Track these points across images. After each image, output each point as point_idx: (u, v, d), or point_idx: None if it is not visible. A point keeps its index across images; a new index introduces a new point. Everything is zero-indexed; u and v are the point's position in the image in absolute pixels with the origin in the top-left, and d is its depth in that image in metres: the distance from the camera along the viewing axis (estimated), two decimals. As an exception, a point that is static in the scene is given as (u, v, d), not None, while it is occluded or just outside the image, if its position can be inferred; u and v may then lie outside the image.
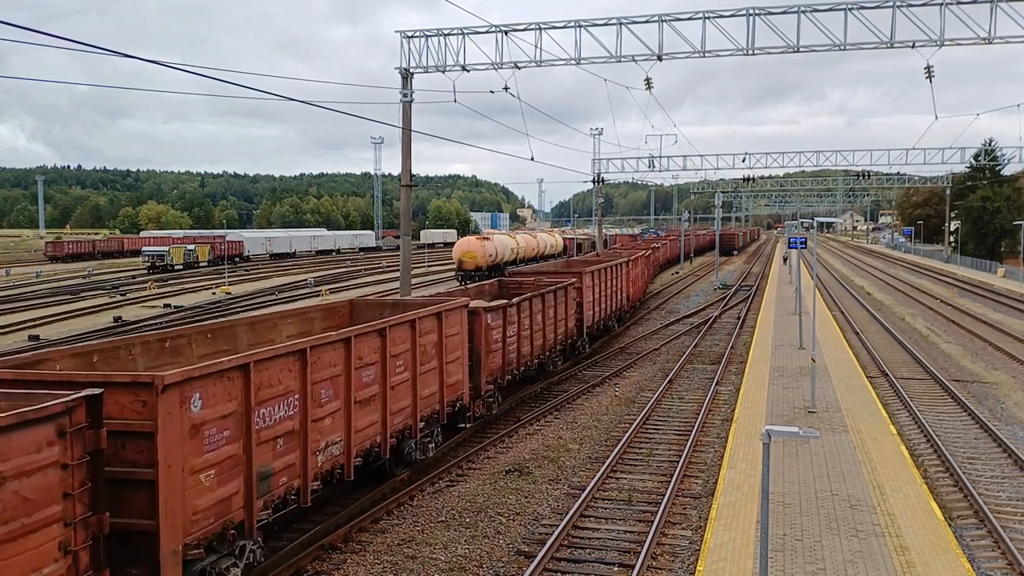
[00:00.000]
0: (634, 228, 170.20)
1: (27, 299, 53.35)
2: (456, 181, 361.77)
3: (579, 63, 32.45)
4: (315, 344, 12.58)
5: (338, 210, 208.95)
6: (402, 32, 33.03)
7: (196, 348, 14.23)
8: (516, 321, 22.33)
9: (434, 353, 16.87)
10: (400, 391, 15.45)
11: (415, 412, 16.12)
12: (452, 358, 17.76)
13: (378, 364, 14.52)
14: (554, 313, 26.17)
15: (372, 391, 14.33)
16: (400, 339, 15.41)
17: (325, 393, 12.85)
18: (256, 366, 11.09)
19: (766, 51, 31.09)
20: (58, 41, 11.98)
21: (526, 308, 23.34)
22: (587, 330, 31.01)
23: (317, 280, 66.77)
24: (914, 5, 29.23)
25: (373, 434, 14.48)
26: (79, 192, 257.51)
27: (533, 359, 24.16)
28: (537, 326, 24.40)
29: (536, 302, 24.29)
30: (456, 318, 18.10)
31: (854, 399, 22.34)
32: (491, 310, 20.54)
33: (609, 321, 35.68)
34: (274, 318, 17.00)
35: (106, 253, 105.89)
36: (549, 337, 25.68)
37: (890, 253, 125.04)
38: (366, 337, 14.18)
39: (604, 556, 13.33)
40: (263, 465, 11.28)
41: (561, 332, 27.11)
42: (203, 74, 15.79)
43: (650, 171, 74.40)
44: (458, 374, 18.21)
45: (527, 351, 23.54)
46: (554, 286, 26.37)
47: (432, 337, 16.78)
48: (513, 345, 22.19)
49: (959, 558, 12.04)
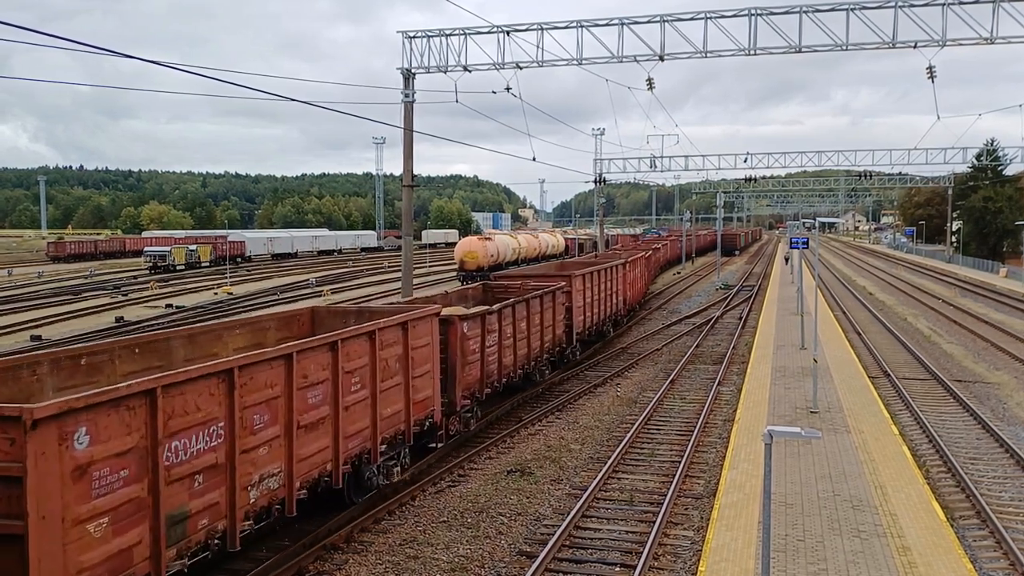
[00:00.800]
0: (636, 228, 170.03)
1: (29, 299, 53.41)
2: (458, 181, 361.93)
3: (581, 63, 32.47)
4: (246, 363, 10.95)
5: (340, 210, 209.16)
6: (404, 32, 33.07)
7: (120, 366, 12.46)
8: (497, 329, 20.89)
9: (399, 367, 15.30)
10: (356, 412, 13.84)
11: (375, 434, 14.47)
12: (421, 372, 16.20)
13: (328, 382, 12.94)
14: (540, 320, 24.66)
15: (320, 413, 12.73)
16: (356, 353, 13.78)
17: (260, 419, 11.27)
18: (166, 392, 9.46)
19: (768, 51, 31.10)
20: (60, 41, 12.00)
21: (508, 315, 21.83)
22: (577, 337, 29.41)
23: (319, 280, 66.80)
24: (916, 5, 29.22)
25: (322, 462, 12.87)
26: (81, 192, 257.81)
27: (517, 370, 22.67)
28: (521, 334, 22.90)
29: (520, 308, 22.86)
30: (425, 328, 16.48)
31: (856, 399, 22.33)
32: (467, 318, 19.00)
33: (604, 326, 34.34)
34: (219, 329, 15.15)
35: (108, 253, 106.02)
36: (535, 345, 24.23)
37: (892, 253, 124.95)
38: (313, 352, 12.55)
39: (606, 556, 13.33)
40: (176, 507, 9.65)
41: (548, 340, 25.57)
42: (203, 74, 15.83)
43: (652, 171, 74.50)
44: (428, 389, 16.62)
45: (509, 361, 22.02)
46: (540, 291, 25.03)
47: (396, 349, 15.18)
48: (493, 355, 20.71)
49: (961, 558, 12.03)
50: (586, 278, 30.65)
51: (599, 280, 32.67)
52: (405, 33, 33.10)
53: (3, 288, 61.86)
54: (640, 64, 32.99)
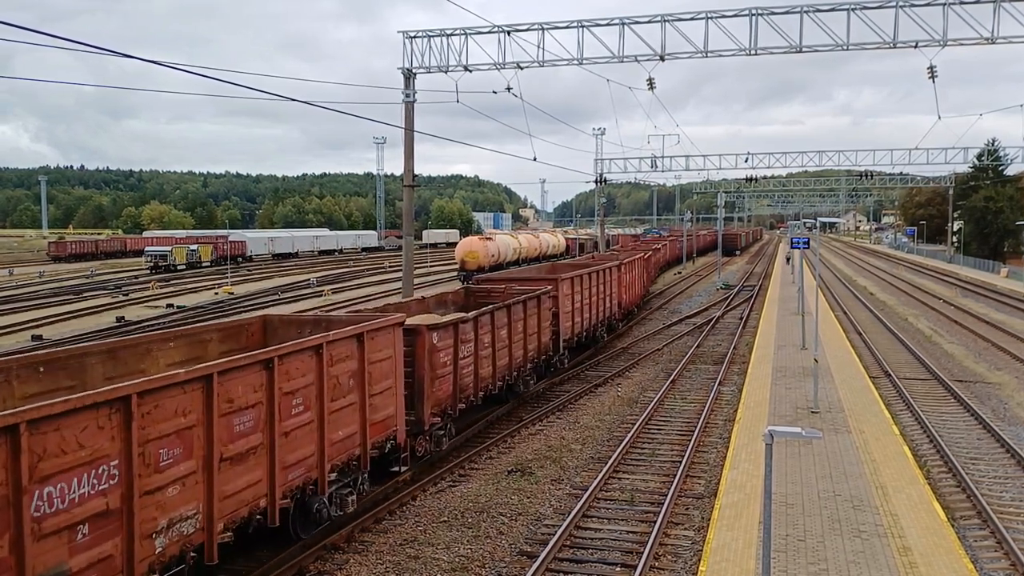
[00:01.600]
0: (637, 228, 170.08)
1: (30, 299, 53.42)
2: (459, 181, 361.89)
3: (581, 63, 32.48)
4: (149, 388, 9.42)
5: (340, 210, 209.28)
6: (405, 32, 33.09)
7: (19, 387, 10.75)
8: (473, 339, 19.32)
9: (353, 385, 13.67)
10: (298, 438, 12.25)
11: (322, 462, 12.84)
12: (381, 388, 14.59)
13: (261, 406, 11.39)
14: (524, 326, 22.99)
15: (251, 442, 11.17)
16: (298, 371, 12.20)
17: (168, 453, 9.70)
18: (33, 428, 7.90)
19: (769, 51, 31.10)
20: (62, 41, 12.01)
21: (486, 323, 20.25)
22: (565, 343, 27.62)
23: (320, 280, 66.81)
24: (917, 5, 29.22)
25: (253, 498, 11.28)
26: (82, 192, 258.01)
27: (496, 381, 21.05)
28: (502, 342, 21.26)
29: (500, 315, 21.19)
30: (386, 339, 14.79)
31: (857, 399, 22.32)
32: (437, 328, 17.44)
33: (597, 330, 32.76)
34: (149, 342, 13.30)
35: (109, 253, 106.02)
36: (517, 355, 22.57)
37: (893, 253, 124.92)
38: (240, 372, 10.92)
39: (606, 556, 13.33)
40: (50, 567, 8.18)
41: (533, 348, 23.88)
42: (204, 74, 15.83)
43: (653, 171, 74.54)
44: (390, 407, 14.95)
45: (488, 373, 20.46)
46: (524, 296, 23.42)
47: (349, 365, 13.55)
48: (469, 367, 19.21)
49: (962, 559, 12.03)
50: (575, 281, 29.07)
51: (590, 283, 31.13)
52: (406, 33, 33.11)
53: (4, 288, 61.88)
54: (641, 64, 33.03)
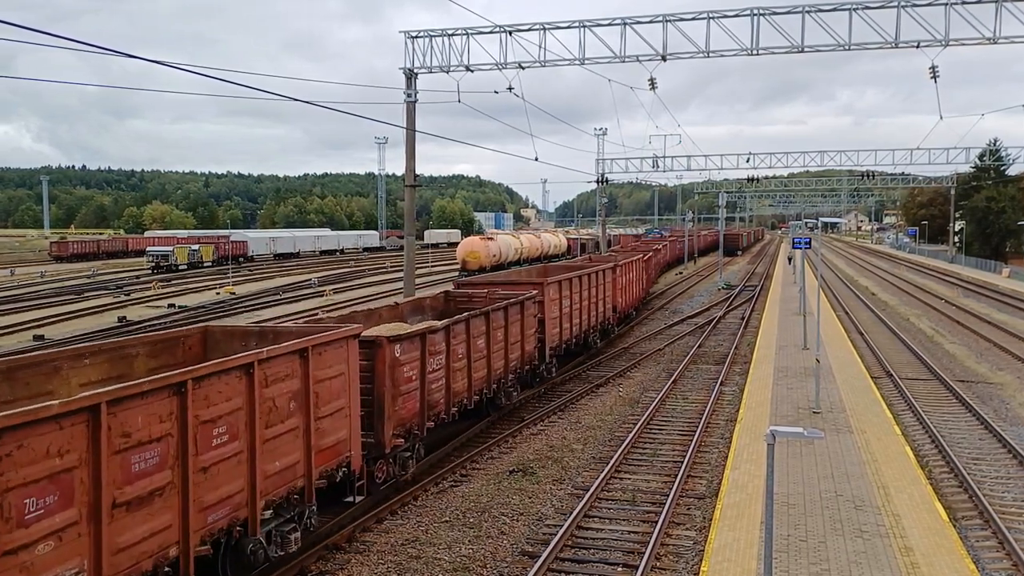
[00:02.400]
0: (638, 228, 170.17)
1: (31, 299, 53.46)
2: (460, 181, 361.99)
3: (583, 63, 32.48)
4: (8, 425, 7.69)
5: (342, 210, 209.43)
6: (406, 32, 33.10)
7: None
8: (444, 350, 17.69)
9: (295, 407, 12.07)
10: (221, 473, 10.59)
11: (253, 499, 11.16)
12: (330, 410, 12.95)
13: (171, 439, 9.71)
14: (505, 335, 21.27)
15: (155, 483, 9.46)
16: (222, 395, 10.59)
17: (36, 504, 7.97)
18: None
19: (770, 51, 31.10)
20: (65, 41, 12.02)
21: (460, 332, 18.58)
22: (552, 351, 25.92)
23: (321, 280, 66.83)
24: (919, 5, 29.20)
25: (159, 547, 9.53)
26: (84, 192, 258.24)
27: (472, 395, 19.43)
28: (479, 353, 19.67)
29: (477, 323, 19.54)
30: (337, 354, 13.19)
31: (858, 400, 22.31)
32: (400, 339, 15.73)
33: (590, 336, 31.10)
34: (59, 359, 11.65)
35: (110, 253, 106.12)
36: (498, 366, 20.94)
37: (894, 253, 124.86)
38: (141, 401, 9.25)
39: (608, 556, 13.33)
40: None
41: (515, 357, 22.22)
42: (207, 74, 15.85)
43: (654, 171, 74.56)
44: (342, 430, 13.30)
45: (462, 386, 18.79)
46: (505, 302, 21.67)
47: (289, 384, 11.95)
48: (439, 382, 17.49)
49: (964, 559, 12.03)
50: (563, 285, 27.28)
51: (581, 286, 29.38)
52: (407, 33, 33.13)
53: (6, 288, 61.93)
54: (642, 64, 33.03)
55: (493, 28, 32.67)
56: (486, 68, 33.24)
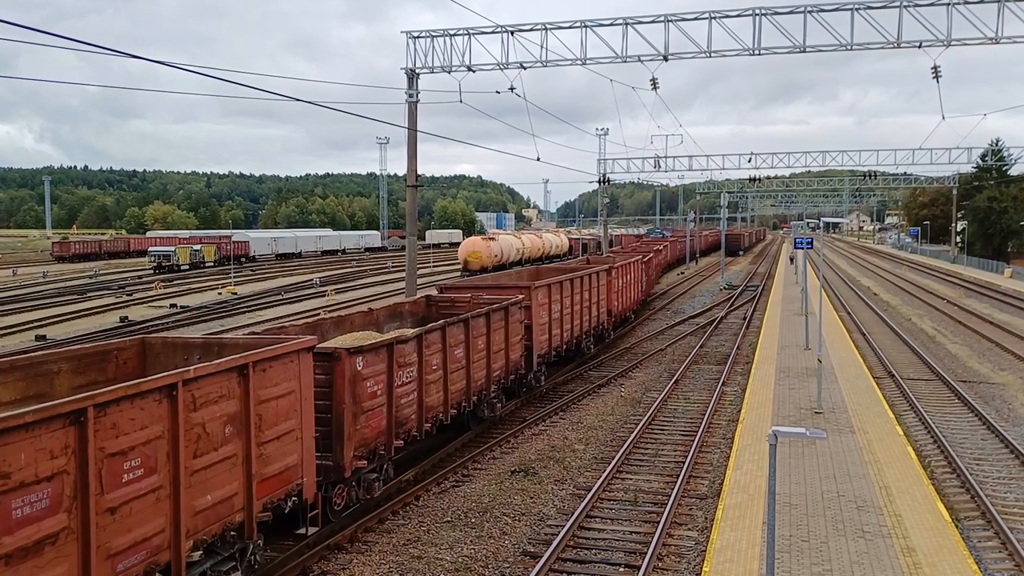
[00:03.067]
0: (640, 228, 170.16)
1: (34, 299, 53.54)
2: (462, 181, 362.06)
3: (585, 63, 32.46)
4: None
5: (343, 210, 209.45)
6: (408, 32, 33.08)
7: None
8: (416, 361, 16.34)
9: (232, 432, 10.65)
10: (135, 512, 9.21)
11: (177, 539, 9.78)
12: (277, 432, 11.57)
13: (66, 476, 8.31)
14: (487, 342, 20.06)
15: (45, 529, 8.07)
16: (135, 423, 9.22)
17: None
18: None
19: (772, 51, 31.06)
20: (67, 41, 12.03)
21: (436, 341, 17.30)
22: (540, 359, 24.69)
23: (323, 280, 66.89)
24: (921, 5, 29.16)
25: None
26: (86, 192, 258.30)
27: (450, 409, 18.15)
28: (457, 363, 18.38)
29: (455, 331, 18.26)
30: (286, 369, 11.81)
31: (861, 400, 22.30)
32: (363, 351, 14.26)
33: (583, 341, 29.90)
34: None
35: (112, 253, 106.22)
36: (479, 376, 19.69)
37: (896, 254, 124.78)
38: (27, 434, 7.91)
39: (610, 557, 13.33)
40: None
41: (499, 366, 20.99)
42: (208, 74, 15.84)
43: (656, 171, 74.46)
44: (292, 455, 11.94)
45: (437, 400, 17.49)
46: (487, 308, 20.42)
47: (225, 407, 10.55)
48: (410, 396, 16.17)
49: (966, 559, 12.01)
50: (553, 289, 26.04)
51: (573, 290, 28.19)
52: (409, 33, 33.12)
53: (8, 288, 62.01)
54: (644, 64, 32.99)
55: (495, 28, 32.66)
56: (488, 68, 33.24)
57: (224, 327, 38.78)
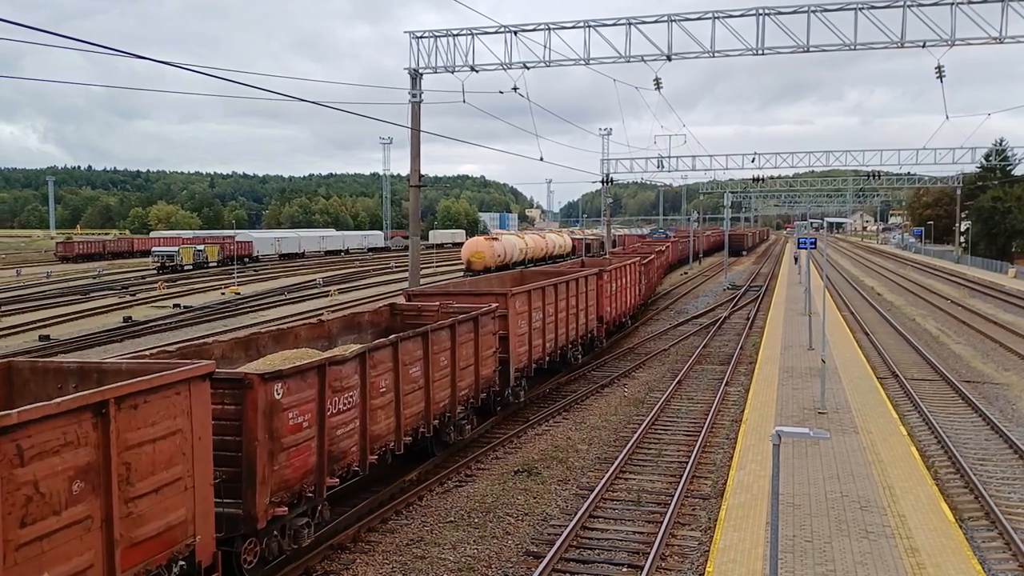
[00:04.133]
0: (643, 228, 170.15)
1: (38, 299, 53.63)
2: (465, 181, 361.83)
3: (588, 63, 32.48)
4: None
5: (347, 210, 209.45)
6: (411, 32, 33.11)
7: None
8: (358, 384, 13.79)
9: (83, 490, 8.30)
10: None
11: None
12: (154, 484, 9.24)
13: None
14: (451, 358, 17.59)
15: None
16: None
17: None
18: None
19: (776, 51, 31.06)
20: (73, 41, 12.05)
21: (384, 360, 14.79)
22: (517, 373, 22.16)
23: (326, 280, 66.94)
24: (924, 5, 29.15)
25: None
26: (89, 193, 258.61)
27: (403, 436, 15.55)
28: (412, 384, 15.87)
29: (410, 347, 15.78)
30: (170, 404, 9.50)
31: (864, 400, 22.26)
32: (284, 376, 11.81)
33: (568, 352, 27.44)
34: None
35: (116, 253, 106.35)
36: (441, 396, 17.24)
37: (900, 254, 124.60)
38: None
39: (613, 557, 13.32)
40: None
41: (468, 384, 18.62)
42: (212, 74, 15.86)
43: (659, 171, 74.44)
44: (177, 510, 9.58)
45: (387, 427, 14.94)
46: (452, 319, 18.01)
47: (73, 457, 8.22)
48: (351, 425, 13.58)
49: (970, 559, 11.99)
50: (533, 295, 23.63)
51: (557, 296, 25.85)
52: (412, 33, 33.14)
53: (12, 288, 62.13)
54: (647, 64, 33.01)
55: (498, 28, 32.68)
56: (491, 68, 33.26)
57: (227, 327, 38.82)
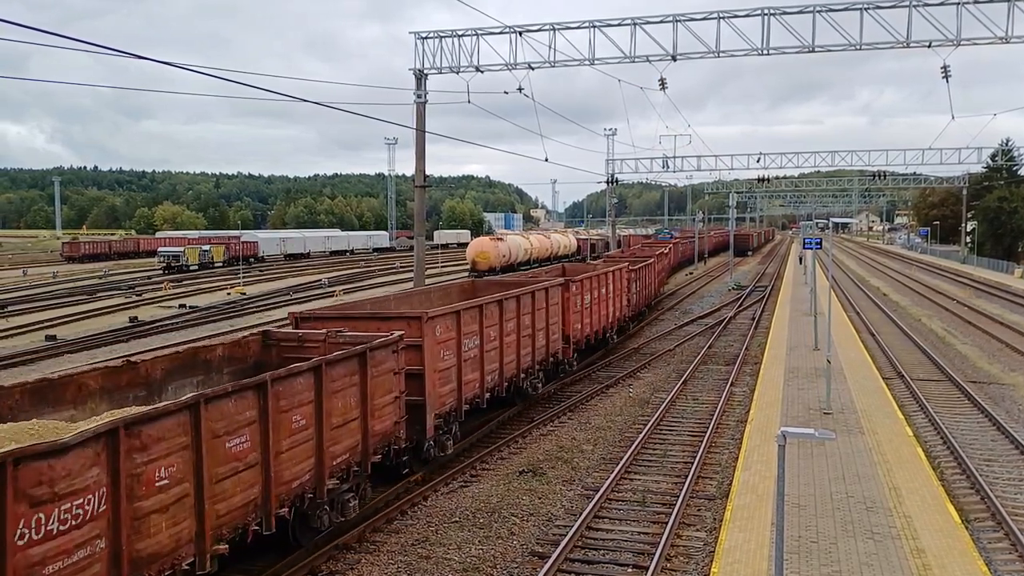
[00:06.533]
0: (648, 229, 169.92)
1: (44, 299, 53.78)
2: (470, 182, 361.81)
3: (593, 63, 32.46)
4: None
5: (352, 211, 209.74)
6: (416, 33, 33.15)
7: None
8: (103, 483, 8.59)
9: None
10: None
11: None
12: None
13: None
14: (316, 416, 12.51)
15: None
16: None
17: None
18: None
19: (781, 51, 31.02)
20: (80, 42, 12.08)
21: (169, 436, 9.53)
22: (438, 420, 17.17)
23: (332, 280, 67.02)
24: (930, 4, 29.08)
25: None
26: (95, 193, 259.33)
27: (277, 508, 11.53)
28: (235, 462, 10.67)
29: (228, 408, 10.59)
30: None
31: (870, 400, 22.22)
32: None
33: (522, 382, 22.24)
34: None
35: (122, 254, 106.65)
36: (293, 471, 12.00)
37: (906, 254, 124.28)
38: None
39: (618, 557, 13.31)
40: None
41: (347, 447, 13.43)
42: (215, 75, 15.89)
43: (664, 172, 74.44)
44: None
45: (251, 496, 11.00)
46: (342, 354, 13.40)
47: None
48: (173, 502, 9.56)
49: (976, 560, 11.97)
50: (465, 316, 18.31)
51: (502, 316, 20.41)
52: (417, 34, 33.17)
53: (18, 288, 62.31)
54: (652, 64, 32.98)
55: (503, 29, 32.69)
56: (496, 69, 33.27)
57: (233, 327, 38.87)
